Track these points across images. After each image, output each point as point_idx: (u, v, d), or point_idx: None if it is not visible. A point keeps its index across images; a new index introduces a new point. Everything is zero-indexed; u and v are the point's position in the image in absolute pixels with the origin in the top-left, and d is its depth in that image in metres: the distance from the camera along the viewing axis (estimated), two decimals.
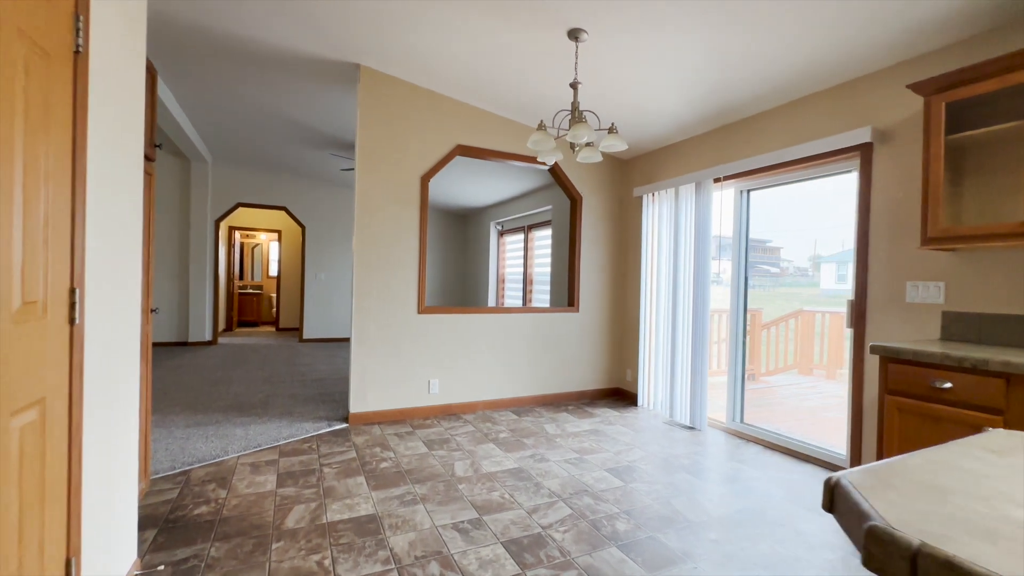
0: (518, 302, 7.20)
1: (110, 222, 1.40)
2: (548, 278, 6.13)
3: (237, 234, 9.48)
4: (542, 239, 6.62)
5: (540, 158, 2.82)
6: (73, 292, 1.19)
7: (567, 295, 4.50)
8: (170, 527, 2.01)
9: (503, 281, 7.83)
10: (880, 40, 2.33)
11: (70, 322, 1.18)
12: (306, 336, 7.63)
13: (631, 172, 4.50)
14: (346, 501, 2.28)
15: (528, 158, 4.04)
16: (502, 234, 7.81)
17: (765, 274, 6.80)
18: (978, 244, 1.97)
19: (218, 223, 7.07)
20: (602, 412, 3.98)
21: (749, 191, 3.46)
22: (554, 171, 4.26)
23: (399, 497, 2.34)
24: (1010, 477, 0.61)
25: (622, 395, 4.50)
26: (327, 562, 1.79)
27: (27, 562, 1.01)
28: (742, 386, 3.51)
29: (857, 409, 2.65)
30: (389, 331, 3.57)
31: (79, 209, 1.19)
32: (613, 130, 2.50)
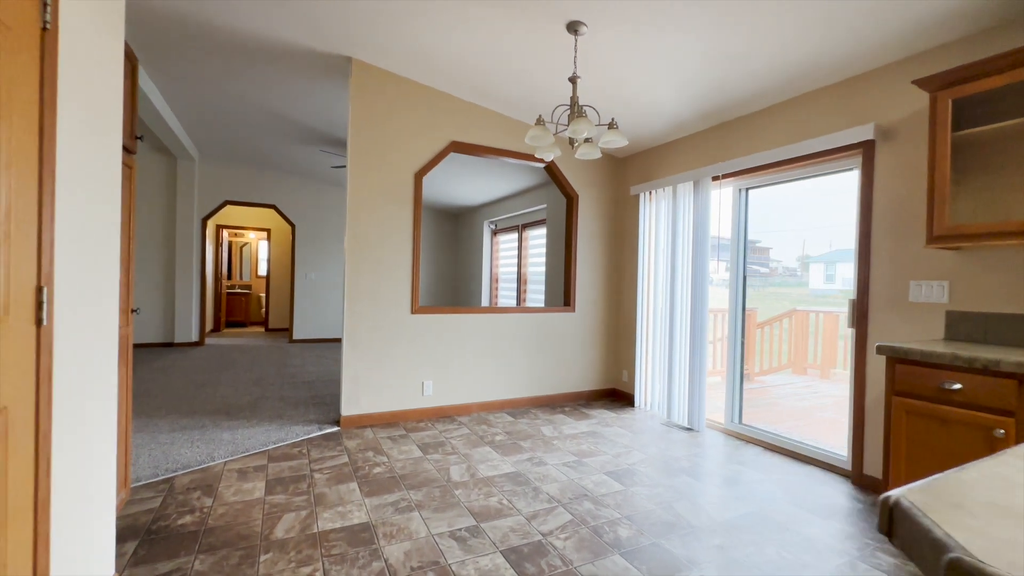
0: (512, 302, 7.13)
1: (84, 216, 1.30)
2: (543, 278, 6.06)
3: (225, 233, 9.29)
4: (536, 238, 6.56)
5: (538, 154, 2.75)
6: (40, 291, 1.09)
7: (563, 295, 4.44)
8: (152, 538, 1.91)
9: (496, 281, 7.75)
10: (882, 37, 2.30)
11: (37, 323, 1.09)
12: (296, 337, 7.49)
13: (628, 170, 4.44)
14: (338, 509, 2.19)
15: (524, 155, 3.97)
16: (495, 233, 7.73)
17: (755, 274, 6.81)
18: (984, 242, 1.94)
19: (205, 221, 6.90)
20: (599, 413, 3.92)
21: (748, 189, 3.41)
22: (550, 168, 4.19)
23: (393, 504, 2.26)
24: None
25: (618, 396, 4.45)
26: (318, 574, 1.70)
27: None
28: (741, 386, 3.47)
29: (859, 410, 2.62)
30: (382, 332, 3.48)
31: (47, 200, 1.10)
32: (613, 125, 2.44)
